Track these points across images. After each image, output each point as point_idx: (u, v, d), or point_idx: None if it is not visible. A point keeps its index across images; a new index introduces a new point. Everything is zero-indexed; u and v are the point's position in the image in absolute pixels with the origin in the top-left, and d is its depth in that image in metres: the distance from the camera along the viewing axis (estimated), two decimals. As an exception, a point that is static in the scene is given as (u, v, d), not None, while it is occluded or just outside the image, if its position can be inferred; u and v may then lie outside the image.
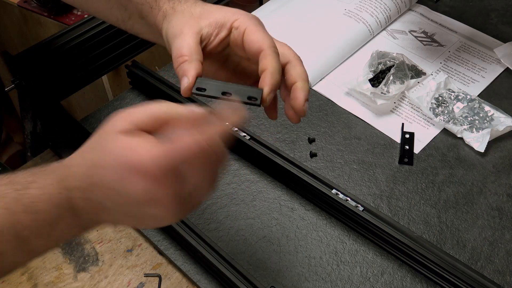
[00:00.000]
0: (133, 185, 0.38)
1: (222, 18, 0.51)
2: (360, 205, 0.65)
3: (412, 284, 0.63)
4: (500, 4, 1.05)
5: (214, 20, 0.51)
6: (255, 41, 0.49)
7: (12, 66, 0.74)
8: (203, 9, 0.52)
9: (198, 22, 0.51)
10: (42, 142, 0.81)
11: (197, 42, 0.49)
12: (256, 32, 0.50)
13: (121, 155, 0.38)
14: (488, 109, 0.81)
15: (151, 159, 0.38)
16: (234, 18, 0.50)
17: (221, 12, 0.51)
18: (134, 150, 0.38)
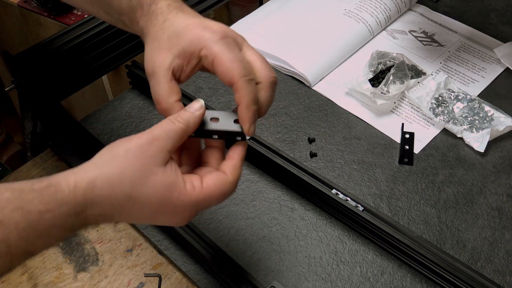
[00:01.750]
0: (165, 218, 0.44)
1: (188, 45, 0.48)
2: (360, 205, 0.65)
3: (412, 284, 0.63)
4: (500, 4, 1.05)
5: (182, 49, 0.49)
6: (225, 72, 0.47)
7: (12, 66, 0.74)
8: (170, 32, 0.49)
9: (168, 51, 0.49)
10: (42, 142, 0.81)
11: (169, 80, 0.49)
12: (224, 61, 0.47)
13: (162, 193, 0.42)
14: (488, 109, 0.81)
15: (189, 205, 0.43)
16: (200, 46, 0.48)
17: (188, 36, 0.49)
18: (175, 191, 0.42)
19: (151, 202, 0.42)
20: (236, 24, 1.01)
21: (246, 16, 1.03)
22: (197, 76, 0.90)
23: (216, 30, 0.48)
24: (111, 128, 0.81)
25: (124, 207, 0.42)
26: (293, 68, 0.89)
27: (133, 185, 0.41)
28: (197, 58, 0.49)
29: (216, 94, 0.87)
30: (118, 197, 0.41)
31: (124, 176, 0.41)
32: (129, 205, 0.42)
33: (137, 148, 0.42)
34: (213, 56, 0.47)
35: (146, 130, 0.44)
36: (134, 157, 0.42)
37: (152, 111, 0.84)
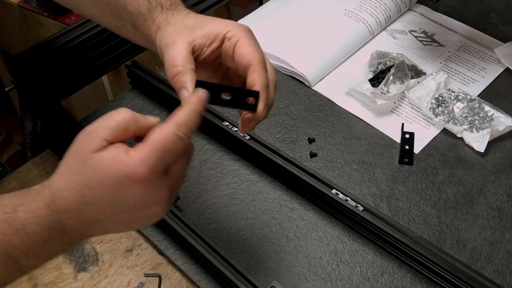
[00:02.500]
0: (130, 193, 0.41)
1: (215, 29, 0.51)
2: (360, 205, 0.65)
3: (412, 284, 0.63)
4: (500, 4, 1.05)
5: (207, 31, 0.51)
6: (246, 54, 0.50)
7: (12, 66, 0.74)
8: (196, 20, 0.53)
9: (191, 33, 0.51)
10: (42, 142, 0.81)
11: (189, 52, 0.50)
12: (247, 45, 0.50)
13: (109, 170, 0.41)
14: (488, 109, 0.81)
15: (138, 164, 0.40)
16: (227, 29, 0.51)
17: (215, 23, 0.52)
18: (119, 162, 0.40)
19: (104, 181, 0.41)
20: (236, 24, 1.01)
21: (246, 16, 1.03)
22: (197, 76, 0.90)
23: (240, 24, 0.52)
24: (111, 128, 0.81)
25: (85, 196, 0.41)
26: (293, 68, 0.89)
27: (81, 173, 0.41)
28: (220, 40, 0.51)
29: (216, 94, 0.87)
30: (75, 186, 0.41)
31: (69, 167, 0.42)
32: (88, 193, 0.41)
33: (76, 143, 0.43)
34: (238, 38, 0.50)
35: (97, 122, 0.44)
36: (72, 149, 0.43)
37: (152, 111, 0.84)
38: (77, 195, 0.41)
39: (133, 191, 0.41)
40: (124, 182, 0.41)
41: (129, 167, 0.40)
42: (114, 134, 0.42)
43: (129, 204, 0.42)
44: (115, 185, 0.41)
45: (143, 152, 0.41)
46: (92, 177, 0.41)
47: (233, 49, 0.51)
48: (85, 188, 0.41)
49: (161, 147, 0.41)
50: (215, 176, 0.75)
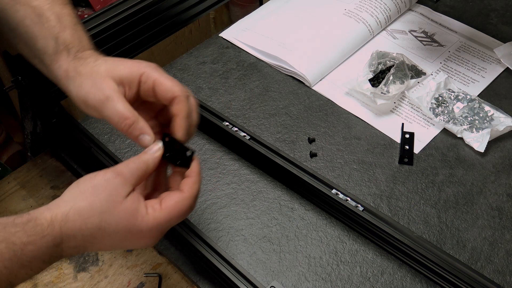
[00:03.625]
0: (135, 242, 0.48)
1: (129, 74, 0.53)
2: (360, 205, 0.65)
3: (412, 284, 0.63)
4: (500, 4, 1.05)
5: (123, 77, 0.53)
6: (167, 90, 0.52)
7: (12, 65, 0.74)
8: (107, 66, 0.54)
9: (111, 81, 0.53)
10: (42, 142, 0.81)
11: (127, 102, 0.52)
12: (165, 82, 0.53)
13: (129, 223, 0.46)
14: (488, 109, 0.81)
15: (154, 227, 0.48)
16: (139, 73, 0.53)
17: (126, 67, 0.53)
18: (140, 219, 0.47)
19: (119, 229, 0.46)
20: (236, 24, 1.01)
21: (246, 16, 1.03)
22: (197, 76, 0.90)
23: (146, 63, 0.55)
24: (111, 128, 0.81)
25: (95, 237, 0.46)
26: (293, 68, 0.89)
27: (101, 216, 0.46)
28: (137, 85, 0.53)
29: (216, 94, 0.87)
30: (89, 228, 0.46)
31: (93, 208, 0.46)
32: (100, 234, 0.46)
33: (103, 182, 0.47)
34: (153, 79, 0.53)
35: (110, 168, 0.48)
36: (101, 190, 0.46)
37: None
38: (89, 236, 0.46)
39: (139, 242, 0.48)
40: (137, 235, 0.47)
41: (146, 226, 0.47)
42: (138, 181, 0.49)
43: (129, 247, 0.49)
44: (128, 235, 0.47)
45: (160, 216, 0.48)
46: (111, 224, 0.46)
47: (152, 89, 0.53)
48: (99, 231, 0.46)
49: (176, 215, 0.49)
50: (215, 176, 0.75)
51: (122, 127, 0.51)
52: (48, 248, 0.44)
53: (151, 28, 0.87)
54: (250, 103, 0.85)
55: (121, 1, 0.83)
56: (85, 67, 0.54)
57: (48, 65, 0.57)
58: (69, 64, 0.55)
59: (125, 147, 0.79)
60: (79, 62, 0.55)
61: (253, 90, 0.88)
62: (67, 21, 0.57)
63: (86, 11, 1.44)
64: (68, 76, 0.55)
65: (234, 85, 0.89)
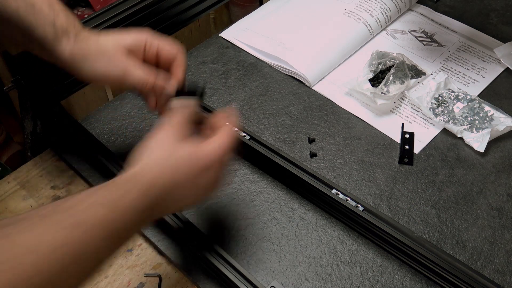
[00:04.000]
0: (206, 178, 0.53)
1: (134, 43, 0.61)
2: (360, 205, 0.65)
3: (412, 284, 0.63)
4: (500, 4, 1.05)
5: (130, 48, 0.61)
6: (170, 51, 0.63)
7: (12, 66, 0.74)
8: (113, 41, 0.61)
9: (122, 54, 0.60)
10: (42, 142, 0.81)
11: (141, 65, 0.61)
12: (166, 45, 0.63)
13: (195, 161, 0.52)
14: (488, 109, 0.81)
15: (218, 153, 0.54)
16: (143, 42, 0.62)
17: (129, 38, 0.61)
18: (203, 154, 0.53)
19: (191, 163, 0.52)
20: (236, 24, 1.01)
21: (246, 16, 1.03)
22: (197, 76, 0.90)
23: (144, 30, 0.63)
24: (111, 128, 0.81)
25: (176, 181, 0.51)
26: (293, 68, 0.89)
27: (171, 160, 0.52)
28: (142, 52, 0.62)
29: (216, 94, 0.87)
30: (166, 174, 0.51)
31: (163, 155, 0.52)
32: (178, 177, 0.51)
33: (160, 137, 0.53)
34: (156, 46, 0.62)
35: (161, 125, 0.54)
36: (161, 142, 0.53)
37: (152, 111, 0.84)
38: (170, 179, 0.51)
39: (210, 175, 0.53)
40: (208, 168, 0.53)
41: (205, 161, 0.53)
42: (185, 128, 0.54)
43: (203, 185, 0.53)
44: (200, 170, 0.52)
45: (222, 143, 0.54)
46: (183, 164, 0.52)
47: (156, 54, 0.63)
48: (176, 173, 0.51)
49: (229, 142, 0.55)
50: (215, 176, 0.75)
51: (146, 89, 0.61)
52: (139, 198, 0.48)
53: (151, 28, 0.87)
54: (250, 103, 0.85)
55: (121, 1, 0.83)
56: (91, 47, 0.60)
57: (50, 51, 0.60)
58: (73, 47, 0.60)
59: (125, 147, 0.79)
60: (82, 43, 0.60)
61: (253, 90, 0.88)
62: (57, 7, 0.61)
63: (86, 11, 1.44)
64: (76, 59, 0.60)
65: (234, 85, 0.89)
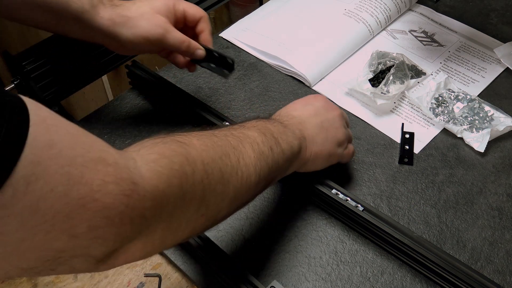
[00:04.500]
0: (329, 113, 0.66)
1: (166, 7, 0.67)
2: (360, 205, 0.65)
3: (412, 284, 0.63)
4: (500, 4, 1.05)
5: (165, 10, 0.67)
6: (195, 13, 0.70)
7: (12, 66, 0.74)
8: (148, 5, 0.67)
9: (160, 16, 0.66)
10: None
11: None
12: (192, 6, 0.70)
13: (310, 103, 0.67)
14: (488, 109, 0.81)
15: (320, 97, 0.68)
16: (172, 4, 0.68)
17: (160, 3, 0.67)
18: (312, 97, 0.68)
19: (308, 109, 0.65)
20: (236, 24, 1.01)
21: (246, 16, 1.03)
22: (197, 76, 0.90)
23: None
24: (111, 128, 0.81)
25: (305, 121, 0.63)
26: (293, 68, 0.89)
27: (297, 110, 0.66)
28: (173, 13, 0.68)
29: (216, 94, 0.87)
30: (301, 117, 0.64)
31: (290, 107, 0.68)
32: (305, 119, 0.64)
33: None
34: (183, 6, 0.70)
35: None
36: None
37: (152, 111, 0.84)
38: (303, 122, 0.63)
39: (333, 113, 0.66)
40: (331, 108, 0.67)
41: (317, 97, 0.68)
42: None
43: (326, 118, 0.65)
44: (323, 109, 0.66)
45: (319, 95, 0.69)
46: (302, 109, 0.66)
47: (183, 15, 0.70)
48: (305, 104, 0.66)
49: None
50: (215, 176, 0.75)
51: (183, 48, 0.68)
52: (295, 134, 0.60)
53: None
54: (250, 103, 0.85)
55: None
56: (129, 11, 0.65)
57: (88, 20, 0.64)
58: (111, 13, 0.65)
59: (125, 147, 0.78)
60: (119, 9, 0.65)
61: (253, 90, 0.88)
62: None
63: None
64: (116, 23, 0.65)
65: (234, 85, 0.89)
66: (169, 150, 0.43)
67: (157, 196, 0.40)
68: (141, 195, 0.38)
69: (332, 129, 0.65)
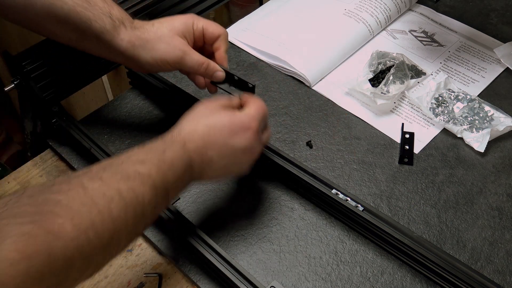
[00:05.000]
0: (241, 138, 0.58)
1: (185, 27, 0.67)
2: (360, 205, 0.65)
3: (412, 284, 0.63)
4: (500, 4, 1.05)
5: (183, 31, 0.67)
6: (214, 30, 0.69)
7: (12, 66, 0.74)
8: (167, 27, 0.67)
9: (179, 38, 0.66)
10: (42, 142, 0.81)
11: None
12: (211, 25, 0.69)
13: (232, 119, 0.58)
14: (488, 109, 0.81)
15: (250, 118, 0.59)
16: (191, 24, 0.68)
17: (180, 23, 0.67)
18: (236, 117, 0.59)
19: (224, 123, 0.57)
20: (236, 24, 1.01)
21: (246, 16, 1.03)
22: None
23: (188, 14, 0.69)
24: (111, 128, 0.81)
25: (209, 135, 0.57)
26: (293, 68, 0.89)
27: (208, 118, 0.58)
28: (192, 33, 0.68)
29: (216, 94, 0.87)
30: (200, 127, 0.57)
31: (201, 116, 0.58)
32: (211, 131, 0.57)
33: (201, 104, 0.60)
34: (202, 25, 0.69)
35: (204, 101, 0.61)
36: (203, 110, 0.59)
37: (152, 111, 0.84)
38: (203, 134, 0.56)
39: (244, 137, 0.58)
40: (241, 129, 0.58)
41: (242, 120, 0.58)
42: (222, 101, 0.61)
43: (237, 147, 0.58)
44: (233, 130, 0.57)
45: (253, 111, 0.60)
46: (218, 120, 0.58)
47: (203, 33, 0.69)
48: (210, 129, 0.57)
49: (261, 111, 0.61)
50: (215, 176, 0.75)
51: (201, 71, 0.67)
52: (179, 150, 0.54)
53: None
54: (250, 103, 0.85)
55: (121, 1, 0.83)
56: (148, 34, 0.66)
57: (109, 41, 0.65)
58: (130, 35, 0.65)
59: (125, 147, 0.79)
60: (139, 31, 0.66)
61: (253, 90, 0.88)
62: (109, 0, 0.66)
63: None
64: (135, 45, 0.65)
65: (234, 85, 0.89)
66: (33, 245, 0.40)
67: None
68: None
69: (235, 170, 0.62)
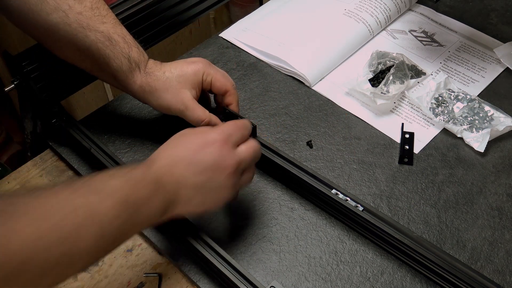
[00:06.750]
0: (207, 154, 0.56)
1: (194, 78, 0.69)
2: (360, 205, 0.65)
3: (412, 284, 0.63)
4: (500, 4, 1.05)
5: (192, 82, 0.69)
6: (222, 84, 0.71)
7: (12, 66, 0.74)
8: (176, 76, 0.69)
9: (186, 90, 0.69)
10: (42, 142, 0.81)
11: (199, 105, 0.69)
12: (220, 78, 0.71)
13: (195, 137, 0.58)
14: (488, 109, 0.81)
15: (217, 132, 0.58)
16: (201, 74, 0.70)
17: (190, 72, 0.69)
18: (203, 133, 0.58)
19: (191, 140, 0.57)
20: (236, 24, 1.01)
21: (246, 16, 1.03)
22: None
23: (200, 60, 0.71)
24: (111, 128, 0.81)
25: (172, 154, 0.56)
26: (293, 68, 0.89)
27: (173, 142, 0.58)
28: (201, 83, 0.70)
29: (216, 94, 0.87)
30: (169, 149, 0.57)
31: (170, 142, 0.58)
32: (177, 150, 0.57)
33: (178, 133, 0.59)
34: (212, 76, 0.71)
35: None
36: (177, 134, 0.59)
37: (152, 111, 0.84)
38: (170, 153, 0.56)
39: (210, 150, 0.56)
40: (202, 145, 0.56)
41: (208, 135, 0.57)
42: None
43: (206, 162, 0.56)
44: (199, 145, 0.56)
45: (219, 128, 0.59)
46: (186, 140, 0.58)
47: (211, 84, 0.71)
48: (177, 147, 0.57)
49: (233, 125, 0.60)
50: (215, 176, 0.75)
51: (200, 125, 0.68)
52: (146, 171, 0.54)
53: (151, 28, 0.87)
54: (250, 103, 0.85)
55: (121, 1, 0.83)
56: (157, 83, 0.68)
57: (122, 81, 0.69)
58: (142, 80, 0.68)
59: (125, 147, 0.79)
60: (150, 78, 0.68)
61: (253, 90, 0.88)
62: (129, 40, 0.68)
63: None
64: (145, 91, 0.69)
65: (234, 85, 0.89)
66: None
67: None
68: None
69: (214, 192, 0.57)
